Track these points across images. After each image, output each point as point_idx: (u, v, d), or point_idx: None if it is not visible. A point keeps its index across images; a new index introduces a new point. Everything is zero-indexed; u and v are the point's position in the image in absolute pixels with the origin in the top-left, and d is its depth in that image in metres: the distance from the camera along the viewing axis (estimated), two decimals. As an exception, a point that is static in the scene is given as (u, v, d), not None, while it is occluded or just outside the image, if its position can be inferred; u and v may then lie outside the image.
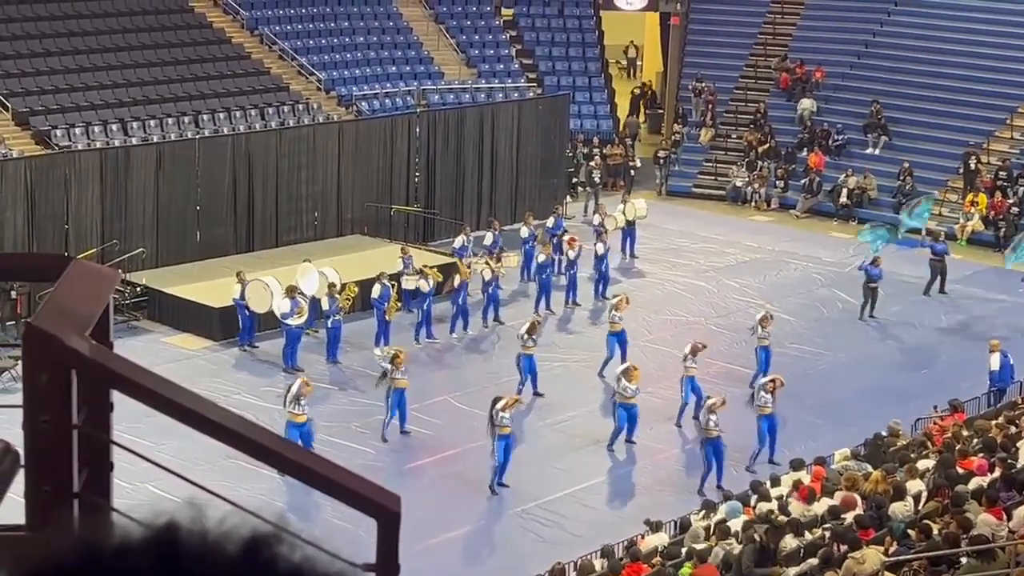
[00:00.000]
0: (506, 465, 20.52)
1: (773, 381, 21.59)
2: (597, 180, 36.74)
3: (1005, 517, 14.18)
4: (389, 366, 22.17)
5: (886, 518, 15.39)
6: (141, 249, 27.97)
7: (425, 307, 26.61)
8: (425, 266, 27.27)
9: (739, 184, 37.77)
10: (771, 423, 21.46)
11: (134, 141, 30.91)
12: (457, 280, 27.08)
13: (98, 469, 2.64)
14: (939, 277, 30.10)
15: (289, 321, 24.87)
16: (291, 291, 25.03)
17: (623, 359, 24.18)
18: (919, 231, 30.76)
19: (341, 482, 2.49)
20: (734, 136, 39.62)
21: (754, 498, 17.95)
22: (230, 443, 2.48)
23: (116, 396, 2.74)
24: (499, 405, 20.29)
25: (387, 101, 37.05)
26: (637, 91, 46.44)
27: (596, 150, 38.14)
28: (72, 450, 2.50)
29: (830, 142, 37.95)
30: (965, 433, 18.72)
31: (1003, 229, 33.63)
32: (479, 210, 34.02)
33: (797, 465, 18.98)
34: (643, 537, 17.58)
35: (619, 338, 24.98)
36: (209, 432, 2.47)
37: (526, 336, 23.87)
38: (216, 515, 1.72)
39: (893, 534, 14.63)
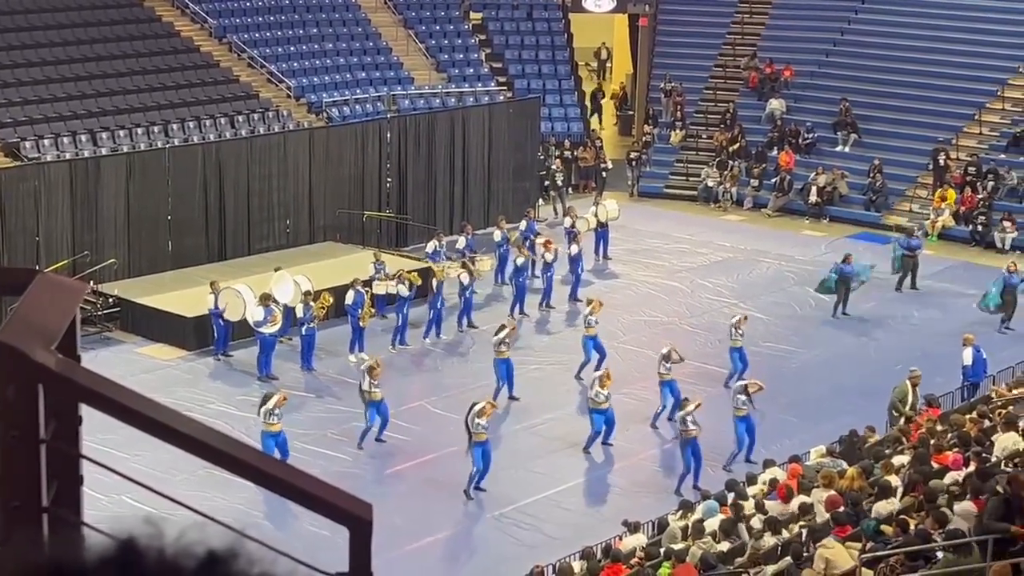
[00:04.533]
0: (486, 472, 20.48)
1: (749, 385, 21.62)
2: (559, 183, 36.65)
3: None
4: (367, 378, 22.02)
5: (864, 515, 15.42)
6: (112, 260, 27.86)
7: (405, 311, 26.53)
8: (402, 270, 27.21)
9: (711, 184, 37.85)
10: (748, 424, 21.50)
11: (104, 151, 30.79)
12: (435, 282, 27.06)
13: (68, 483, 2.63)
14: (910, 273, 30.27)
15: (263, 329, 24.81)
16: (265, 299, 24.97)
17: (599, 364, 24.11)
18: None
19: (312, 491, 2.48)
20: (704, 136, 39.72)
21: (731, 496, 18.00)
22: (200, 455, 2.47)
23: (86, 408, 2.73)
24: (474, 411, 20.26)
25: (357, 107, 37.02)
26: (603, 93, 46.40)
27: (555, 151, 37.93)
28: (41, 465, 2.49)
29: (800, 141, 38.08)
30: (940, 428, 18.80)
31: (979, 224, 33.80)
32: (451, 215, 34.00)
33: (769, 465, 19.04)
34: (621, 538, 17.61)
35: (595, 342, 24.97)
36: (178, 444, 2.46)
37: (500, 340, 23.85)
38: (174, 531, 1.73)
39: (864, 532, 14.65)
